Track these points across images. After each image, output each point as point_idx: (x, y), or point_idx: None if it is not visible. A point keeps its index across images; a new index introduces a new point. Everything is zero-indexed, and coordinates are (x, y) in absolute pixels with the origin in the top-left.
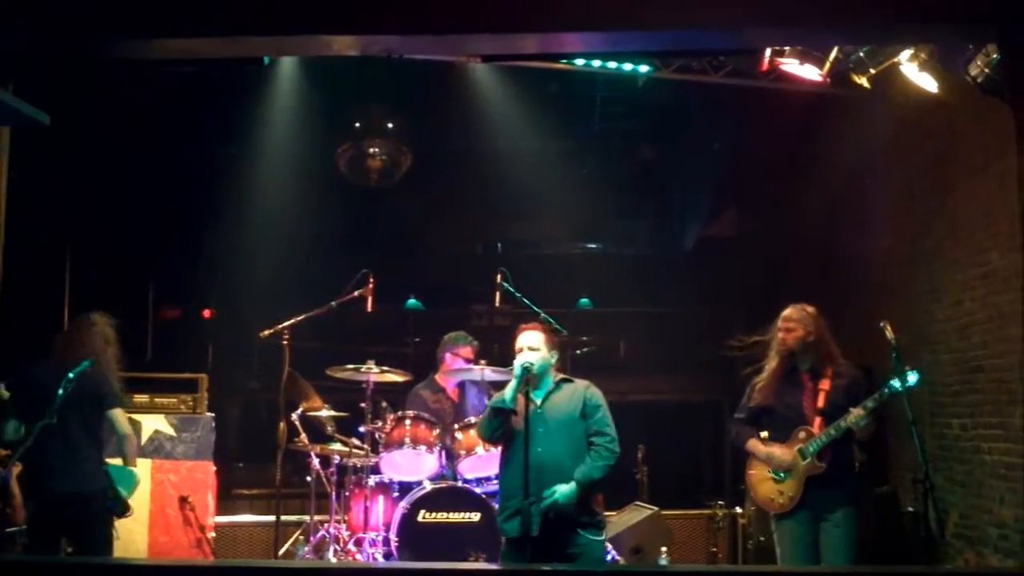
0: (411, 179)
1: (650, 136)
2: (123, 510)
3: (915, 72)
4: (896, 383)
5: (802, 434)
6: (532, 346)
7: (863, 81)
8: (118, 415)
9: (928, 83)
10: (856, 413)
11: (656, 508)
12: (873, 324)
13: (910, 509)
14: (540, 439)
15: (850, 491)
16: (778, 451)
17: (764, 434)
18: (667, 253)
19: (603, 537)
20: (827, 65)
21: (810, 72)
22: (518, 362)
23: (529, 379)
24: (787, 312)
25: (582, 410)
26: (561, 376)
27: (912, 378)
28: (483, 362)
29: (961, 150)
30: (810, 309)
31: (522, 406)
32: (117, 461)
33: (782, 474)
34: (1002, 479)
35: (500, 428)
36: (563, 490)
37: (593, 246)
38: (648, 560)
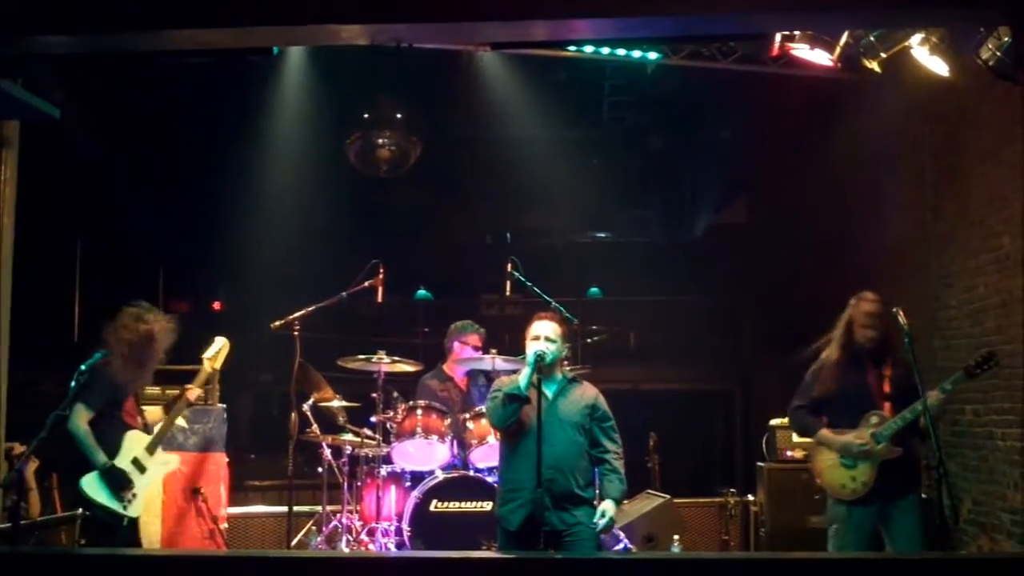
0: (420, 169)
1: (659, 124)
2: (115, 517)
3: (926, 56)
4: (974, 368)
5: (874, 419)
6: (549, 336)
7: (874, 66)
8: (77, 410)
9: (939, 67)
10: (935, 395)
11: (668, 496)
12: (885, 310)
13: (923, 495)
14: (550, 434)
15: (917, 481)
16: (853, 439)
17: (824, 420)
18: (677, 242)
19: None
20: (837, 50)
21: (820, 57)
22: (532, 350)
23: (542, 368)
24: (872, 300)
25: (591, 413)
26: (572, 374)
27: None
28: (493, 351)
29: (973, 134)
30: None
31: (534, 399)
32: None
33: (854, 460)
34: (1015, 465)
35: (514, 415)
36: (611, 513)
37: (603, 235)
38: (660, 548)
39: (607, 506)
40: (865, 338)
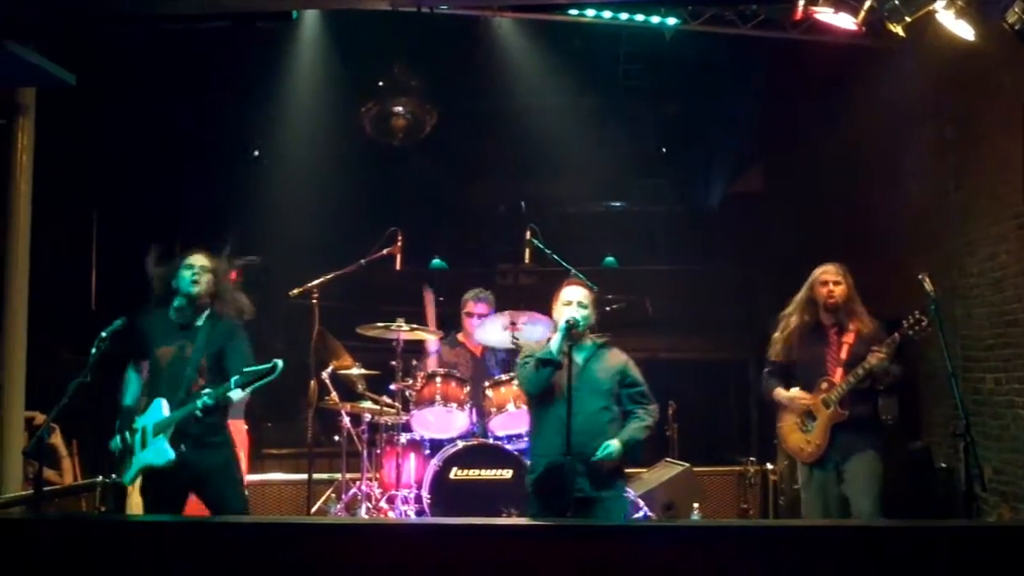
0: (436, 138)
1: (674, 92)
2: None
3: (951, 20)
4: (907, 331)
5: (824, 384)
6: (581, 302)
7: (898, 30)
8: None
9: (965, 31)
10: (877, 355)
11: (687, 464)
12: (904, 279)
13: (943, 465)
14: (580, 400)
15: (874, 439)
16: (799, 393)
17: (795, 389)
18: (693, 210)
19: (627, 497)
20: (862, 13)
21: (844, 21)
22: (564, 316)
23: (574, 334)
24: (830, 268)
25: (621, 379)
26: (601, 340)
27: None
28: (507, 313)
29: (996, 100)
30: (843, 266)
31: (564, 365)
32: None
33: (809, 424)
34: None
35: (547, 381)
36: (614, 446)
37: (618, 204)
38: (680, 516)
39: (612, 442)
40: (823, 296)
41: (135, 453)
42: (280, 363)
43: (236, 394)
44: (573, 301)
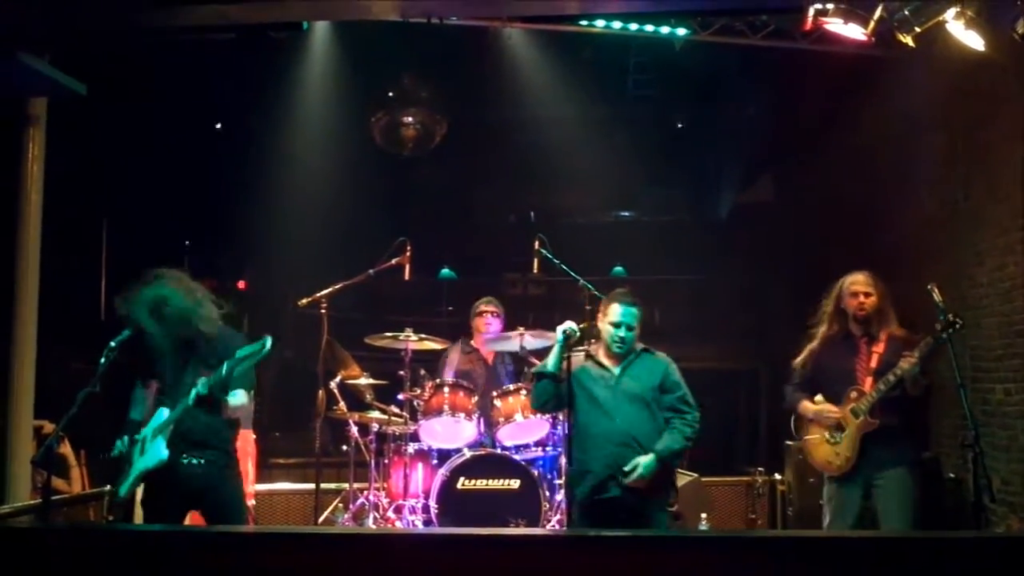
0: (445, 148)
1: (684, 102)
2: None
3: (961, 30)
4: (940, 334)
5: (853, 394)
6: (631, 325)
7: (908, 40)
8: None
9: (975, 41)
10: (908, 360)
11: (696, 474)
12: (913, 289)
13: (952, 475)
14: (618, 410)
15: (906, 452)
16: (828, 406)
17: (819, 398)
18: (702, 220)
19: (668, 512)
20: (871, 24)
21: (854, 31)
22: (560, 328)
23: (572, 344)
24: (860, 278)
25: (662, 383)
26: (643, 346)
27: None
28: (520, 329)
29: (1006, 110)
30: (874, 275)
31: (597, 376)
32: None
33: (837, 436)
34: None
35: (547, 395)
36: (645, 462)
37: (627, 214)
38: (688, 526)
39: (644, 458)
40: (853, 307)
41: (133, 463)
42: (270, 339)
43: (238, 398)
44: (622, 324)
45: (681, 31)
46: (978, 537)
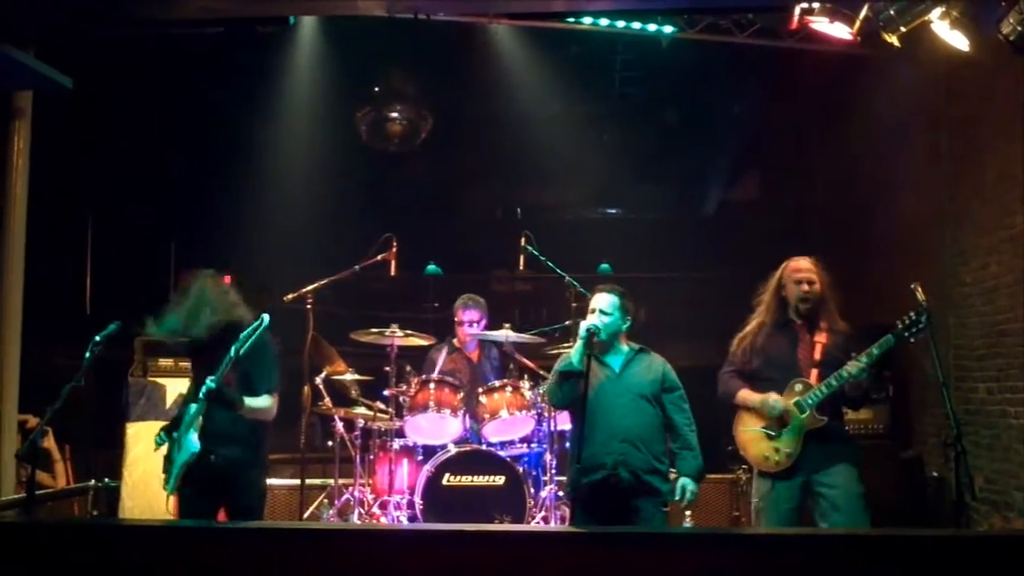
0: (431, 144)
1: (671, 99)
2: None
3: (946, 30)
4: (902, 332)
5: (799, 386)
6: (604, 309)
7: (893, 39)
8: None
9: (959, 41)
10: (855, 364)
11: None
12: (897, 287)
13: (935, 474)
14: (621, 408)
15: (850, 451)
16: (773, 395)
17: (772, 394)
18: (688, 218)
19: (667, 509)
20: (857, 23)
21: (840, 31)
22: (585, 324)
23: (594, 342)
24: (803, 263)
25: (661, 384)
26: (639, 346)
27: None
28: (507, 326)
29: (991, 111)
30: (818, 262)
31: (599, 373)
32: None
33: (777, 430)
34: None
35: (572, 393)
36: (691, 487)
37: (613, 211)
38: (671, 523)
39: (686, 482)
40: (795, 296)
41: (174, 460)
42: (266, 317)
43: (258, 401)
44: (596, 309)
45: (668, 29)
46: (959, 535)
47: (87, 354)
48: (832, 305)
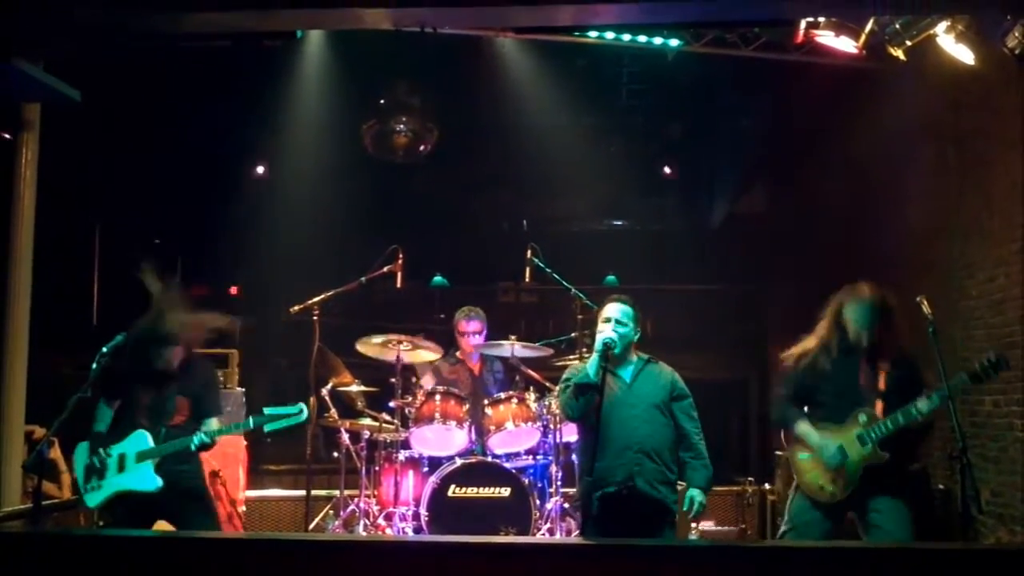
0: (437, 156)
1: (677, 112)
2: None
3: (952, 44)
4: (980, 372)
5: (863, 417)
6: (619, 319)
7: (899, 53)
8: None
9: (965, 55)
10: (929, 401)
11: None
12: (904, 300)
13: (940, 486)
14: (635, 419)
15: (904, 486)
16: (832, 439)
17: (827, 433)
18: (695, 230)
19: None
20: (863, 37)
21: (845, 44)
22: (601, 336)
23: (609, 356)
24: (866, 289)
25: (671, 392)
26: (647, 356)
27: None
28: (513, 338)
29: (997, 124)
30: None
31: (612, 384)
32: None
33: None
34: None
35: (588, 405)
36: (699, 499)
37: (620, 223)
38: (679, 535)
39: (694, 494)
40: (858, 337)
41: (107, 477)
42: (305, 409)
43: (216, 426)
44: (612, 319)
45: (674, 42)
46: (965, 549)
47: (94, 365)
48: (897, 331)
